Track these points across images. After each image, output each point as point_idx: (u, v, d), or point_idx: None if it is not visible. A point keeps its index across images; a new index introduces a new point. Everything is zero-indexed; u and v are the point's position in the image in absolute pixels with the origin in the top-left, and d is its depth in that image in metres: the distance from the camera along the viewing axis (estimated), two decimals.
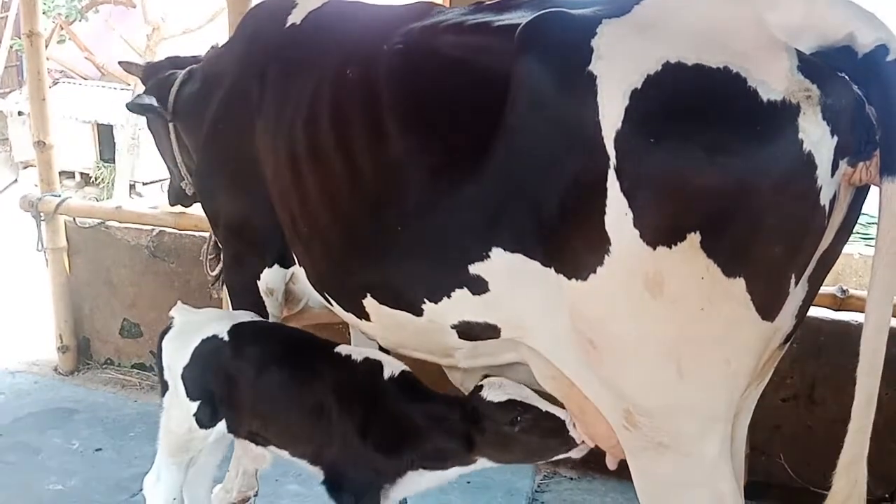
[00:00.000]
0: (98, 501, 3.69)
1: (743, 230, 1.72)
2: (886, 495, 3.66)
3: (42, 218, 4.89)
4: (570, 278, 1.94)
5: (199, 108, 3.00)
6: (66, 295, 5.13)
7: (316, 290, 2.69)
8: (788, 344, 2.11)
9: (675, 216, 1.74)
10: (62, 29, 15.10)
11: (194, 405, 2.65)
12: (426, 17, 2.39)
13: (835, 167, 1.71)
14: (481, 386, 2.40)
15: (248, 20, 3.00)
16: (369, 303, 2.43)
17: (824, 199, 1.73)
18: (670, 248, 1.76)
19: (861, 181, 1.75)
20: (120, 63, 3.75)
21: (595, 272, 1.86)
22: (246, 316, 2.83)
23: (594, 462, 3.04)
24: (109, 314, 5.20)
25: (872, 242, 1.82)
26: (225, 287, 3.13)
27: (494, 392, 2.36)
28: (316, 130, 2.41)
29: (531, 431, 2.32)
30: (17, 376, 4.96)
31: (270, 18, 2.83)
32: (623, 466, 3.51)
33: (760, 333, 1.85)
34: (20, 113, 14.40)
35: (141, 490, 3.71)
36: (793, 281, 1.81)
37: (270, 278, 2.86)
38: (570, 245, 1.91)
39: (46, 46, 5.10)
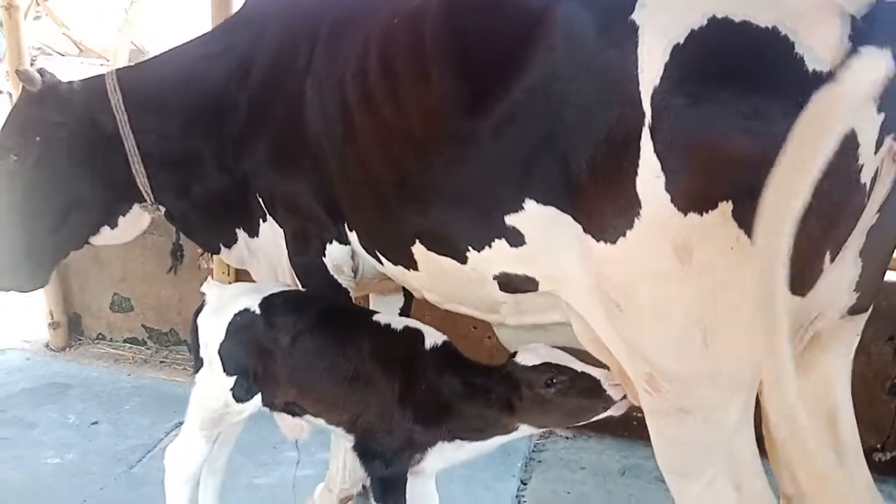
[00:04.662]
0: (96, 474, 3.69)
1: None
2: (878, 445, 3.72)
3: None
4: (597, 240, 1.90)
5: (217, 87, 2.85)
6: (55, 272, 5.07)
7: (367, 251, 2.65)
8: (865, 314, 2.10)
9: (707, 183, 1.69)
10: (38, 5, 14.85)
11: (231, 380, 2.63)
12: None
13: (879, 144, 1.64)
14: (516, 352, 2.40)
15: None
16: (418, 250, 2.40)
17: (865, 178, 1.67)
18: (701, 215, 1.71)
19: None
20: (17, 72, 3.09)
21: (624, 235, 1.83)
22: (276, 287, 2.80)
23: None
24: (99, 289, 5.17)
25: None
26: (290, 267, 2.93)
27: (527, 356, 2.36)
28: (365, 81, 2.36)
29: (567, 393, 2.31)
30: (7, 353, 4.94)
31: None
32: (618, 426, 3.56)
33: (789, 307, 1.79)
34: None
35: (140, 461, 3.79)
36: (827, 257, 1.77)
37: (336, 255, 2.77)
38: (599, 205, 1.86)
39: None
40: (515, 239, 2.12)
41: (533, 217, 2.04)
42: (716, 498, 2.00)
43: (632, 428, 3.79)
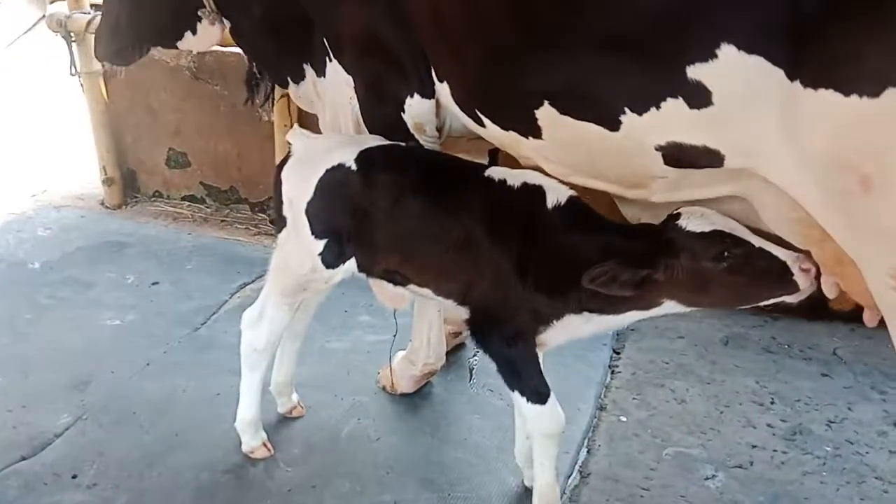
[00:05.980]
0: (158, 336, 3.48)
1: None
2: None
3: (73, 38, 4.43)
4: (846, 94, 1.48)
5: None
6: (106, 123, 4.77)
7: (463, 109, 2.24)
8: None
9: None
10: None
11: (320, 244, 2.34)
12: None
13: None
14: (677, 214, 1.99)
15: None
16: (545, 113, 1.98)
17: None
18: None
19: None
20: None
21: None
22: (373, 140, 2.44)
23: None
24: (153, 143, 4.87)
25: None
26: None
27: (696, 221, 1.96)
28: None
29: (740, 271, 1.93)
30: (62, 211, 4.70)
31: None
32: None
33: None
34: None
35: (204, 323, 3.56)
36: None
37: (416, 110, 2.38)
38: (855, 49, 1.45)
39: None
40: (698, 98, 1.70)
41: (728, 69, 1.63)
42: None
43: None
